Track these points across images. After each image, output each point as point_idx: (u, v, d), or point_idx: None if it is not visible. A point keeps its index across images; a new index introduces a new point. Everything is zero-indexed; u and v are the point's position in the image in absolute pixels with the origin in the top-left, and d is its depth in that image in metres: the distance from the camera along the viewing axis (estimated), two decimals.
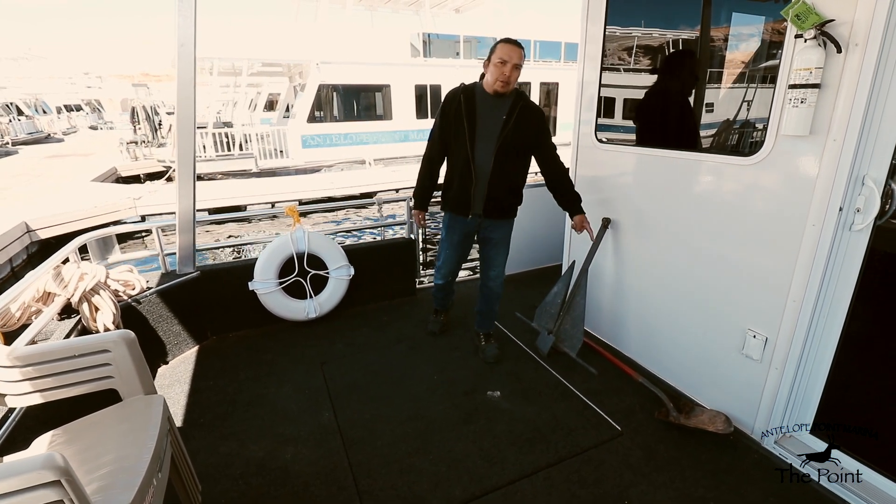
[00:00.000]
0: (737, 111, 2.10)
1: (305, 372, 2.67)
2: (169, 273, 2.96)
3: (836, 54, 1.59)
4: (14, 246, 6.44)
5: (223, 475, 1.93)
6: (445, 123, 2.44)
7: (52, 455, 0.95)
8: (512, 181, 2.49)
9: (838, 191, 1.65)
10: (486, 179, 2.43)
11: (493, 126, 2.36)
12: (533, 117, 2.41)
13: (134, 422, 1.40)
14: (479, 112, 2.36)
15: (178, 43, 2.42)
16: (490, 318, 2.87)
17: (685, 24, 2.33)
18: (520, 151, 2.44)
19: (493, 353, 2.76)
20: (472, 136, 2.37)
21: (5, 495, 0.93)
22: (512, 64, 2.25)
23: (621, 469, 1.92)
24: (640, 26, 2.53)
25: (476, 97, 2.38)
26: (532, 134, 2.42)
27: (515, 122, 2.35)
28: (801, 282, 1.78)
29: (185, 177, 2.70)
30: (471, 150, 2.38)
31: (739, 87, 2.08)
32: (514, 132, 2.35)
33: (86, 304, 2.31)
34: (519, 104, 2.37)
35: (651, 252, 2.50)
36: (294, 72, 15.04)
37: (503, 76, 2.26)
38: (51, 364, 1.39)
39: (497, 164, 2.39)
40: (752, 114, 2.01)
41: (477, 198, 2.47)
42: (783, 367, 1.89)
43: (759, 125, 1.94)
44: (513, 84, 2.31)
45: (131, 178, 12.42)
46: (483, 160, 2.40)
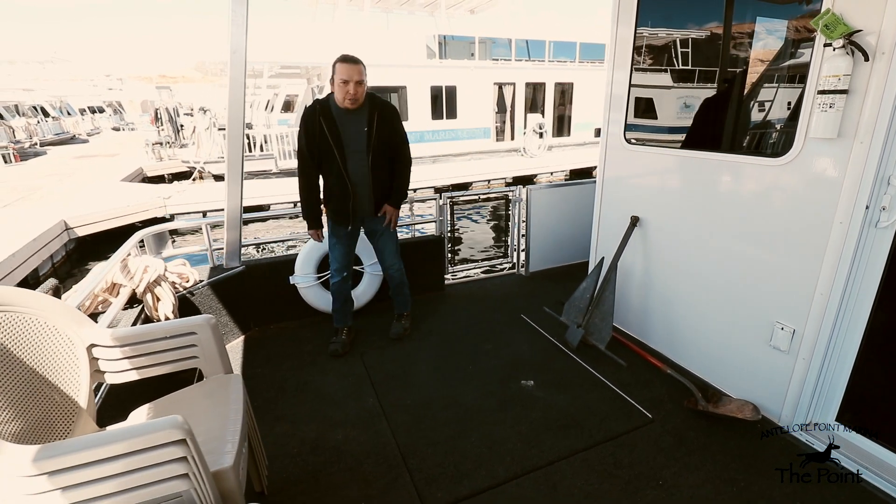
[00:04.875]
0: (766, 114, 2.20)
1: (346, 361, 2.83)
2: (216, 267, 3.15)
3: (863, 62, 1.70)
4: (55, 243, 6.74)
5: (281, 453, 2.09)
6: (311, 140, 2.54)
7: (176, 417, 1.11)
8: (387, 180, 2.73)
9: (865, 190, 1.75)
10: (368, 189, 2.66)
11: (358, 138, 2.54)
12: (388, 116, 2.59)
13: (218, 397, 1.56)
14: (340, 128, 2.51)
15: (230, 50, 2.58)
16: (402, 302, 3.16)
17: (715, 22, 2.42)
18: (387, 153, 2.66)
19: (397, 331, 3.05)
20: (342, 153, 2.53)
21: (138, 451, 1.08)
22: (353, 82, 2.39)
23: (654, 453, 2.04)
24: (672, 27, 2.63)
25: (333, 113, 2.51)
26: (392, 132, 2.63)
27: (378, 129, 2.54)
28: (828, 276, 1.88)
29: (234, 176, 2.86)
30: (343, 166, 2.55)
31: (770, 87, 2.18)
32: (378, 139, 2.55)
33: (149, 294, 2.49)
34: (375, 112, 2.53)
35: (679, 249, 2.60)
36: (312, 73, 15.29)
37: (349, 95, 2.41)
38: (146, 344, 1.56)
39: (374, 174, 2.63)
40: (782, 116, 2.11)
41: (359, 208, 2.69)
42: (810, 358, 1.99)
43: (788, 128, 2.04)
44: (361, 98, 2.46)
45: (157, 178, 12.77)
46: (358, 172, 2.60)
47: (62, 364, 1.42)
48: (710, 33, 2.45)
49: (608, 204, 3.06)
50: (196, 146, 12.71)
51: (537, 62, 16.25)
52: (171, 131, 14.93)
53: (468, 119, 15.24)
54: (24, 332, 1.34)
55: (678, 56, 2.63)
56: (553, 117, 16.64)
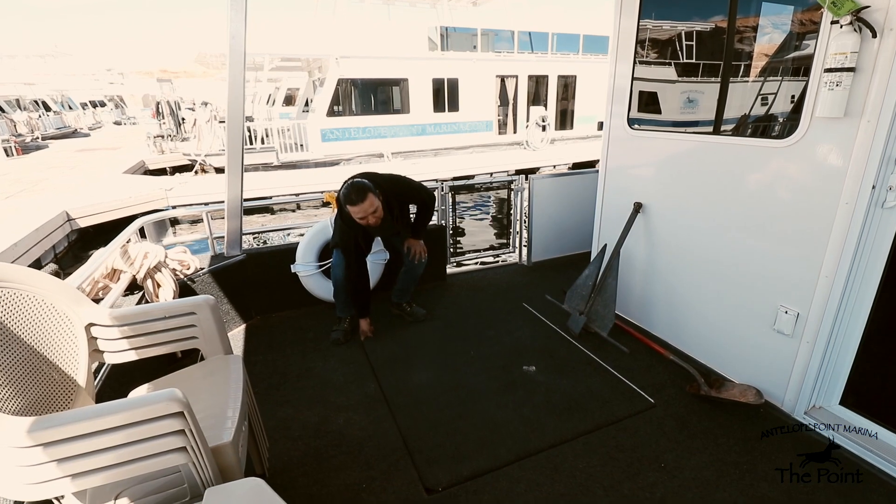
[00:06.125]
0: (774, 97, 2.17)
1: (348, 348, 2.83)
2: (217, 255, 3.14)
3: (871, 39, 1.67)
4: (57, 234, 6.75)
5: (283, 436, 2.09)
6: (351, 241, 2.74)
7: (174, 390, 1.10)
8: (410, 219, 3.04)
9: (871, 170, 1.72)
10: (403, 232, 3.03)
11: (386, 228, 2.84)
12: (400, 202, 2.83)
13: (217, 377, 1.56)
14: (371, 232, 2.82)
15: (230, 34, 2.56)
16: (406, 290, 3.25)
17: (720, 15, 2.39)
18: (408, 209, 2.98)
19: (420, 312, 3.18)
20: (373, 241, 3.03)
21: (137, 423, 1.08)
22: (369, 215, 2.50)
23: (656, 436, 2.03)
24: (676, 20, 2.59)
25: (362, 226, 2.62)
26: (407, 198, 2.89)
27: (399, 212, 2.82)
28: (833, 258, 1.86)
29: (234, 167, 2.85)
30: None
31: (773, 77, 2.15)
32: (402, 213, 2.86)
33: (150, 280, 2.49)
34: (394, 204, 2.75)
35: (682, 234, 2.58)
36: (313, 66, 15.22)
37: (370, 223, 2.55)
38: (145, 324, 1.55)
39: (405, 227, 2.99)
40: (785, 98, 2.08)
41: None
42: (814, 341, 1.98)
43: (794, 110, 2.01)
44: (381, 215, 2.57)
45: (158, 170, 12.76)
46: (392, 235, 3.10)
47: (60, 342, 1.42)
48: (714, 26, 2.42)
49: (611, 191, 3.04)
50: (197, 139, 12.70)
51: (540, 55, 16.12)
52: (173, 124, 14.90)
53: (470, 112, 15.14)
54: (22, 308, 1.33)
55: (682, 49, 2.60)
56: (556, 110, 16.54)
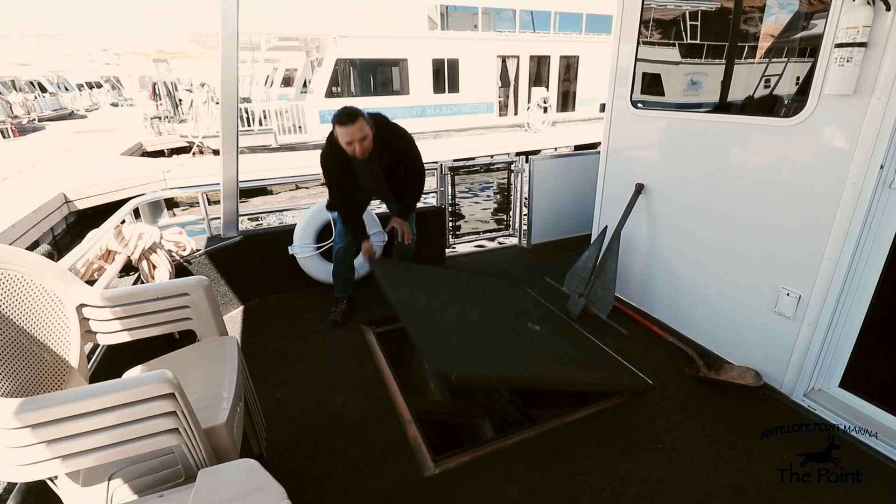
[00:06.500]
0: (780, 75, 2.11)
1: (346, 330, 2.81)
2: (214, 237, 3.11)
3: (884, 12, 1.61)
4: (55, 216, 6.71)
5: (281, 417, 2.09)
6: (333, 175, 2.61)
7: (165, 372, 1.08)
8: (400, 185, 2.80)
9: (880, 149, 1.68)
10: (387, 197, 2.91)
11: (373, 177, 2.67)
12: (399, 153, 2.63)
13: (212, 358, 1.54)
14: (355, 169, 2.60)
15: (222, 10, 2.49)
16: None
17: None
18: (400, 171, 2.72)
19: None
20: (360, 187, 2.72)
21: (128, 405, 1.06)
22: (356, 140, 2.36)
23: (654, 417, 2.03)
24: None
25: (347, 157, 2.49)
26: (401, 153, 2.66)
27: (389, 163, 2.61)
28: (837, 239, 1.83)
29: (229, 148, 2.80)
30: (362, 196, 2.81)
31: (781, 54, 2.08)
32: (391, 169, 2.64)
33: (145, 261, 2.46)
34: (386, 153, 2.56)
35: (684, 215, 2.54)
36: (311, 46, 14.95)
37: (356, 151, 2.41)
38: (138, 305, 1.53)
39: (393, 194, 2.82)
40: (791, 78, 2.02)
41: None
42: (815, 324, 1.96)
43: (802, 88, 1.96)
44: (368, 150, 2.44)
45: (156, 152, 12.65)
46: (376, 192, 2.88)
47: (51, 323, 1.40)
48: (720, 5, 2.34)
49: (613, 172, 2.99)
50: (194, 121, 12.55)
51: (542, 34, 15.83)
52: (170, 106, 14.71)
53: (471, 93, 14.91)
54: (10, 289, 1.31)
55: (686, 29, 2.52)
56: (557, 92, 16.30)
